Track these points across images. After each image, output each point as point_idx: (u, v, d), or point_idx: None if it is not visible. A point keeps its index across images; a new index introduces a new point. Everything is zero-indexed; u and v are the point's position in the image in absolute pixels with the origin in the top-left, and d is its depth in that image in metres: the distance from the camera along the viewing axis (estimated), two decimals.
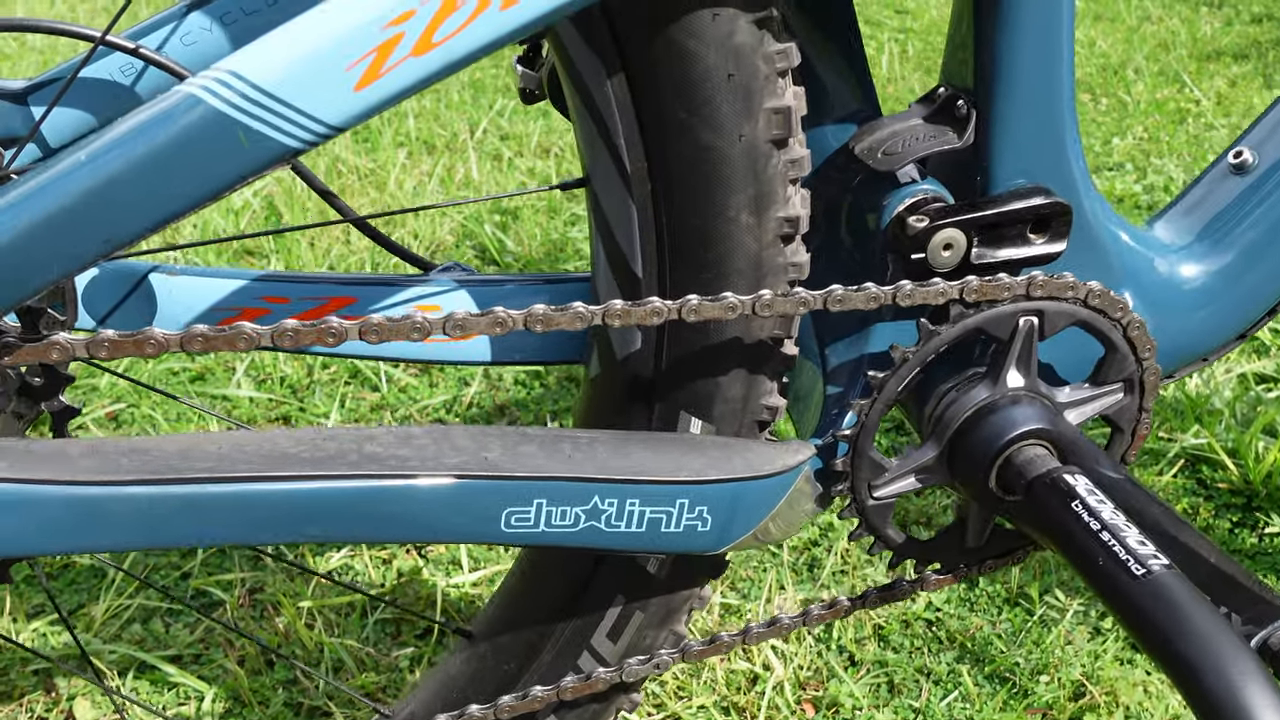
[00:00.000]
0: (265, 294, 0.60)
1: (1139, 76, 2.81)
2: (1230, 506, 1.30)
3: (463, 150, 2.46)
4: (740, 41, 0.49)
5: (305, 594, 1.15)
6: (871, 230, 0.58)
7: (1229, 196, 0.63)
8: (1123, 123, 2.52)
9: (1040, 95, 0.56)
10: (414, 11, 0.41)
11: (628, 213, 0.54)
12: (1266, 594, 0.61)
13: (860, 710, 1.03)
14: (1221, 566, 0.61)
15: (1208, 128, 2.48)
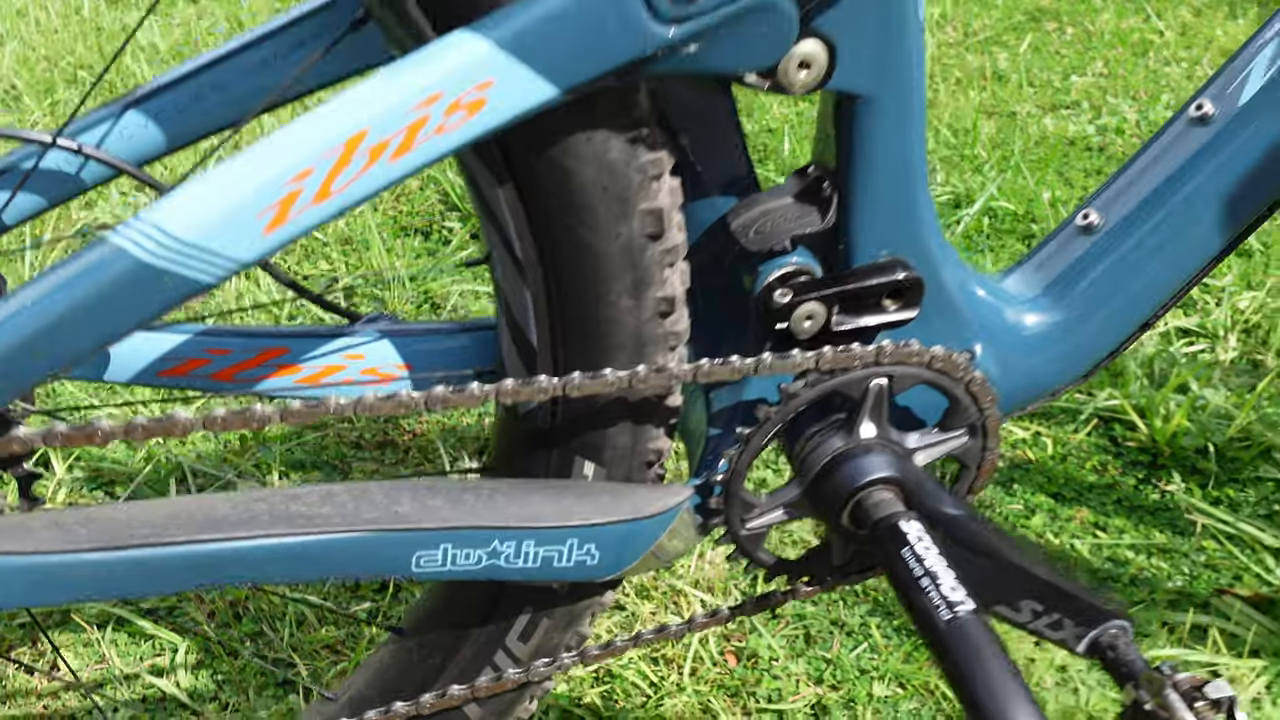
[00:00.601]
0: (208, 345, 0.67)
1: (1106, 4, 2.82)
2: (1137, 464, 1.39)
3: None
4: (614, 158, 0.56)
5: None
6: (746, 296, 0.65)
7: (1074, 255, 0.70)
8: (1086, 55, 2.55)
9: (894, 179, 0.62)
10: (311, 170, 0.47)
11: (522, 295, 0.61)
12: (1095, 599, 0.71)
13: (777, 661, 1.14)
14: (1053, 580, 0.69)
15: (1168, 62, 2.52)
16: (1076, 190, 1.99)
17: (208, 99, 0.63)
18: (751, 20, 0.51)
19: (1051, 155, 2.09)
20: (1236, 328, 1.63)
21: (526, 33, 0.48)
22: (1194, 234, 0.67)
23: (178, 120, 0.63)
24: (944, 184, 1.99)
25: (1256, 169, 0.66)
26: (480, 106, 0.48)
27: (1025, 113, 2.29)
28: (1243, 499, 1.33)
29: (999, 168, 2.04)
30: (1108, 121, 2.23)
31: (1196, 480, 1.36)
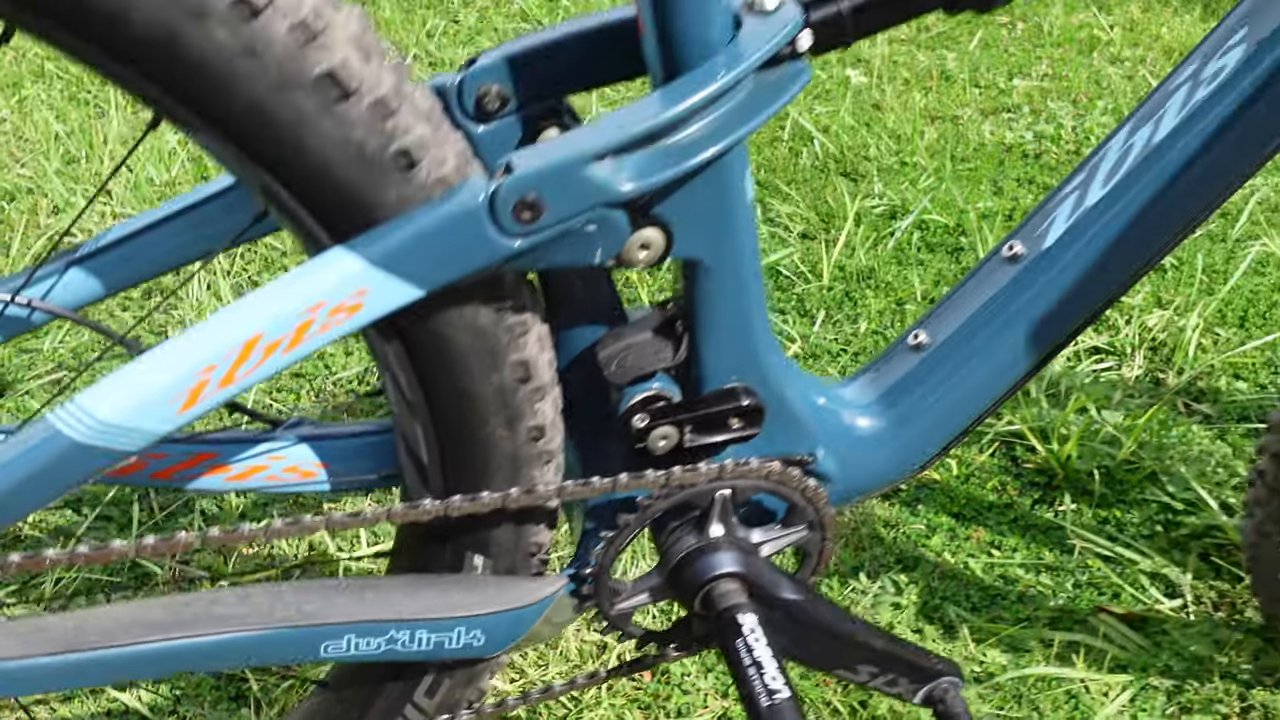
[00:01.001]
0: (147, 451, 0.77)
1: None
2: (1034, 485, 1.51)
3: None
4: (483, 323, 0.66)
5: (226, 571, 1.35)
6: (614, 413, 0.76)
7: (905, 370, 0.80)
8: (1033, 54, 2.63)
9: (734, 323, 0.72)
10: (216, 365, 0.57)
11: (413, 425, 0.71)
12: (925, 660, 0.82)
13: (688, 676, 1.26)
14: (888, 647, 0.81)
15: (1112, 60, 2.59)
16: (1007, 202, 2.08)
17: (140, 259, 0.72)
18: (587, 230, 0.60)
19: (987, 164, 2.18)
20: (1144, 345, 1.74)
21: (394, 250, 0.58)
22: (1004, 358, 0.78)
23: (114, 275, 0.73)
24: (880, 195, 2.08)
25: (1057, 305, 0.76)
26: (358, 308, 0.58)
27: (967, 117, 2.37)
28: (1128, 520, 1.45)
29: (936, 176, 2.13)
30: (1045, 129, 2.32)
31: (1087, 501, 1.47)
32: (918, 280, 1.87)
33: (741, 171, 0.66)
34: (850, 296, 1.85)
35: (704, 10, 0.59)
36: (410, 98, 0.58)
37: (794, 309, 1.84)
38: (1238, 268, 1.86)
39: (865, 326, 1.78)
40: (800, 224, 2.02)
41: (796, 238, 2.00)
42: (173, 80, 0.53)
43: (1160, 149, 0.72)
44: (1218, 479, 1.48)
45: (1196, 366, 1.68)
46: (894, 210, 2.06)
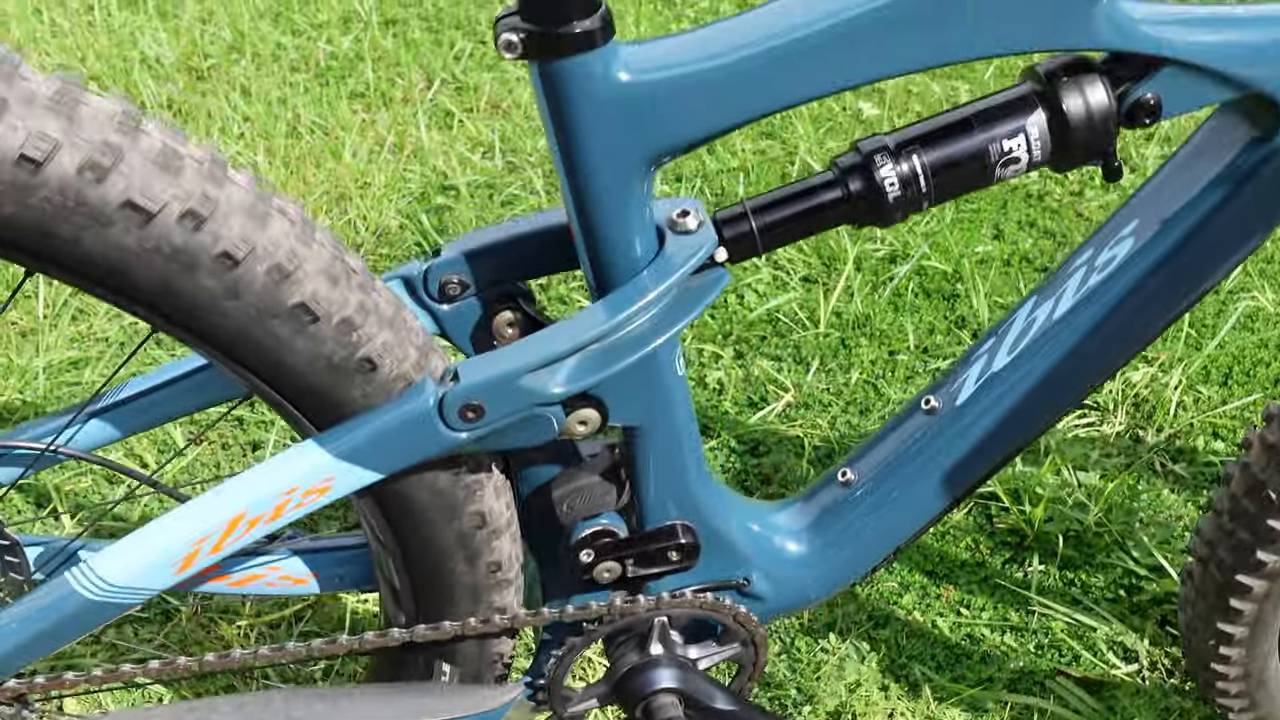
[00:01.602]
0: None
1: None
2: (1006, 545, 1.58)
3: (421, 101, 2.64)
4: (442, 485, 0.75)
5: (244, 612, 1.47)
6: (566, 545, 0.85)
7: (832, 502, 0.89)
8: None
9: (670, 473, 0.81)
10: (207, 537, 0.68)
11: (385, 559, 0.81)
12: None
13: None
14: None
15: None
16: (1006, 246, 2.13)
17: (149, 413, 0.83)
18: (527, 422, 0.70)
19: (990, 206, 2.23)
20: (1126, 402, 1.80)
21: (355, 446, 0.68)
22: (921, 498, 0.86)
23: (129, 423, 0.83)
24: (882, 239, 2.14)
25: (966, 456, 0.85)
26: (327, 489, 0.68)
27: None
28: (1093, 583, 1.53)
29: (937, 220, 2.19)
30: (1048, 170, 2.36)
31: (1054, 563, 1.55)
32: (911, 330, 1.94)
33: (671, 354, 0.75)
34: (845, 344, 1.93)
35: (628, 237, 0.68)
36: (374, 308, 0.68)
37: (789, 356, 1.92)
38: (1226, 322, 1.91)
39: (857, 377, 1.86)
40: (802, 268, 2.10)
41: (798, 281, 2.08)
42: (169, 315, 0.63)
43: (1058, 326, 0.80)
44: (1182, 545, 1.55)
45: (1175, 425, 1.74)
46: (894, 255, 2.12)
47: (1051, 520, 1.57)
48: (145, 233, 0.59)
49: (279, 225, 0.63)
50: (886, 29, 0.64)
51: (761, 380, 1.87)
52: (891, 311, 1.99)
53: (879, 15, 0.63)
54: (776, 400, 1.82)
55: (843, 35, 0.64)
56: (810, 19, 0.63)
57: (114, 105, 0.59)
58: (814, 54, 0.64)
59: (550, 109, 0.63)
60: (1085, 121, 0.70)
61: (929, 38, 0.64)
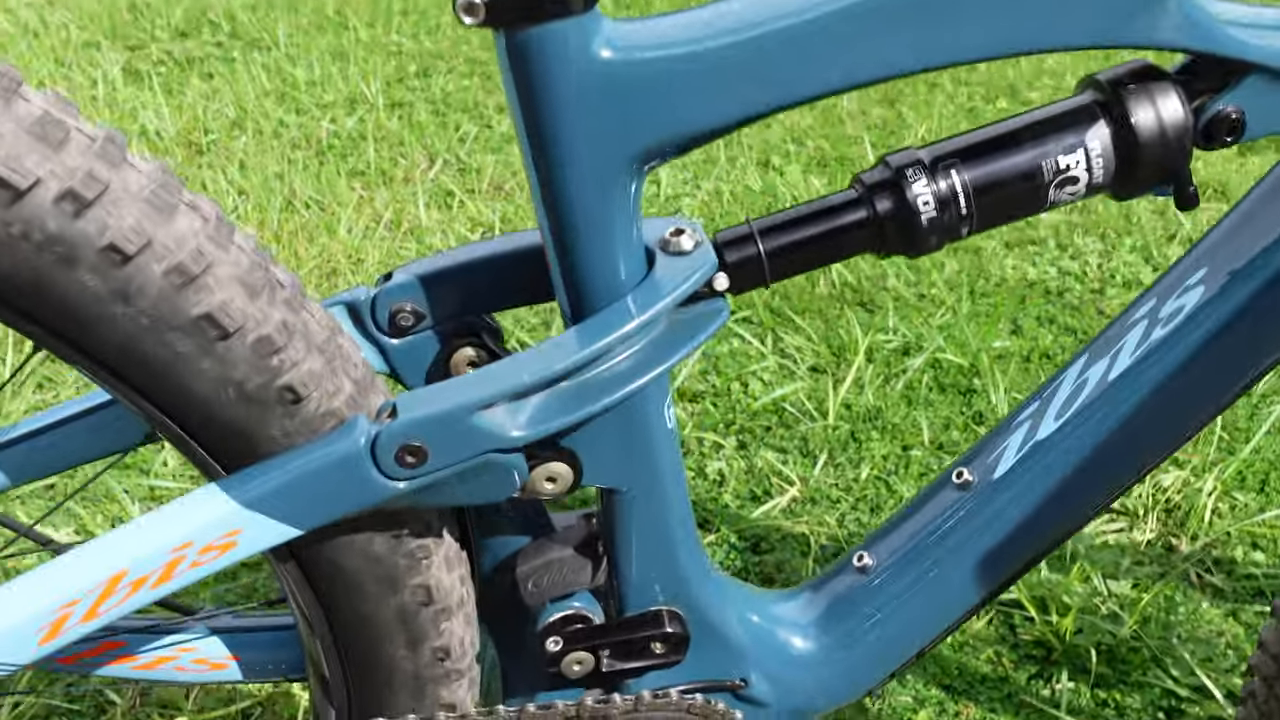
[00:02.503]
0: None
1: None
2: (1031, 658, 1.44)
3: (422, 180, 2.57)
4: (378, 550, 0.63)
5: (185, 707, 1.32)
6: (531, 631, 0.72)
7: (847, 591, 0.76)
8: None
9: (655, 548, 0.69)
10: (79, 600, 0.55)
11: (313, 642, 0.68)
12: None
13: None
14: None
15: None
16: (1025, 342, 2.03)
17: (45, 453, 0.71)
18: (478, 473, 0.58)
19: (1008, 300, 2.13)
20: (1157, 508, 1.67)
21: (269, 493, 0.55)
22: (951, 589, 0.73)
23: (18, 470, 0.71)
24: (894, 330, 2.04)
25: (1005, 539, 0.72)
26: (231, 546, 0.56)
27: (990, 249, 2.33)
28: (1128, 704, 1.38)
29: (953, 312, 2.09)
30: (1070, 265, 2.27)
31: (1085, 680, 1.40)
32: (926, 424, 1.82)
33: (659, 401, 0.63)
34: (855, 438, 1.81)
35: (610, 255, 0.57)
36: (303, 329, 0.56)
37: (796, 449, 1.79)
38: (1260, 426, 1.79)
39: (868, 472, 1.73)
40: (810, 357, 1.99)
41: (806, 371, 1.97)
42: (43, 321, 0.51)
43: (1115, 387, 0.68)
44: (1226, 664, 1.40)
45: (1211, 534, 1.61)
46: (908, 346, 2.02)
47: (1081, 632, 1.43)
48: (10, 214, 0.48)
49: (186, 221, 0.52)
50: (926, 12, 0.53)
51: (765, 472, 1.74)
52: (905, 405, 1.87)
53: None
54: (781, 494, 1.70)
55: (874, 17, 0.53)
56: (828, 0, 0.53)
57: None
58: (838, 38, 0.53)
59: (519, 89, 0.53)
60: (1157, 137, 0.59)
61: (975, 25, 0.54)
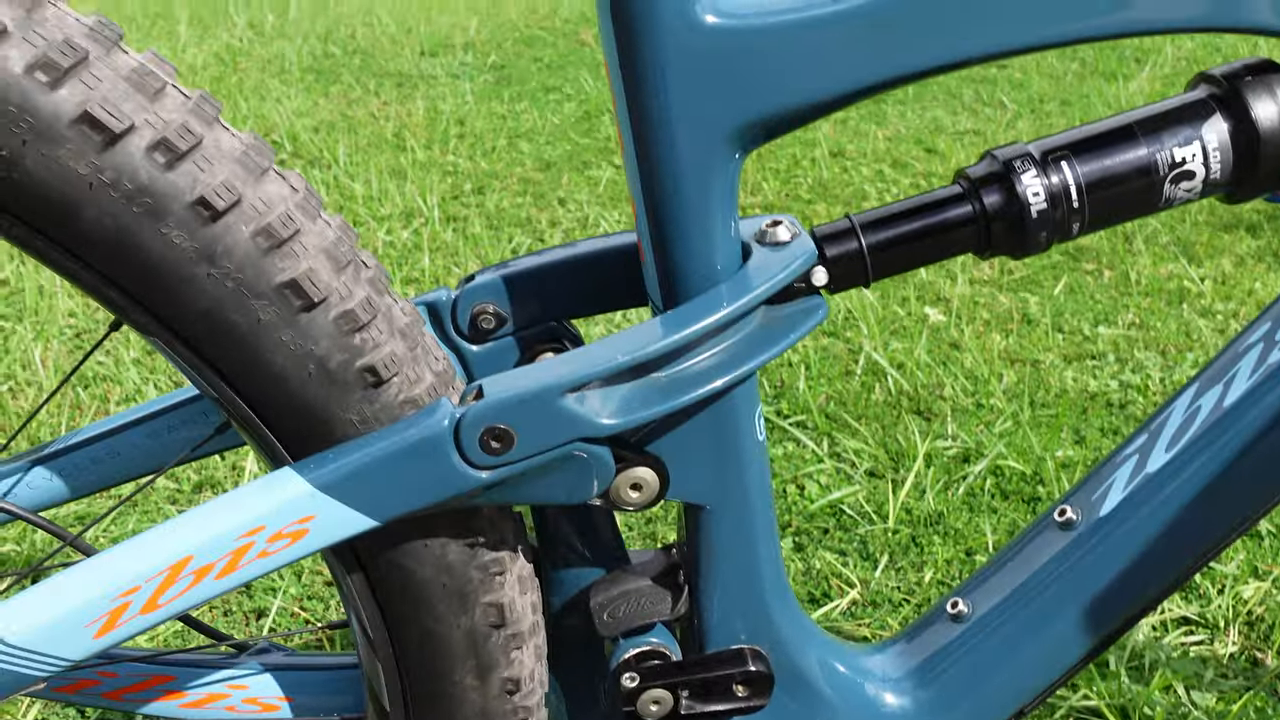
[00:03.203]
0: (99, 668, 0.71)
1: (1148, 247, 2.85)
2: None
3: None
4: (452, 560, 0.59)
5: None
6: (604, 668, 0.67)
7: (942, 641, 0.71)
8: (1120, 301, 2.57)
9: (741, 577, 0.64)
10: (139, 588, 0.52)
11: (375, 666, 0.63)
12: None
13: None
14: None
15: (1202, 313, 2.52)
16: (1089, 451, 1.97)
17: (104, 463, 0.69)
18: (564, 467, 0.54)
19: (1069, 412, 2.08)
20: (1239, 620, 1.58)
21: (346, 477, 0.52)
22: (1054, 638, 0.68)
23: (77, 477, 0.69)
24: (953, 437, 1.99)
25: (1114, 583, 0.67)
26: (303, 535, 0.52)
27: (1049, 362, 2.30)
28: None
29: (1014, 421, 2.04)
30: (1131, 378, 2.23)
31: None
32: (989, 530, 1.76)
33: (749, 410, 0.60)
34: (916, 542, 1.75)
35: (707, 239, 0.55)
36: (386, 312, 0.54)
37: (855, 551, 1.73)
38: None
39: (930, 576, 1.67)
40: (868, 461, 1.94)
41: (863, 475, 1.92)
42: (122, 283, 0.49)
43: (1231, 413, 0.64)
44: None
45: None
46: (967, 453, 1.97)
47: None
48: (103, 159, 0.46)
49: (276, 186, 0.51)
50: None
51: (824, 574, 1.68)
52: (966, 511, 1.81)
53: None
54: (841, 596, 1.63)
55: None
56: None
57: (92, 18, 0.48)
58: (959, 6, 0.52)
59: (620, 55, 0.51)
60: (1277, 131, 0.56)
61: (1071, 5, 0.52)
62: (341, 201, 3.05)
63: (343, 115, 3.90)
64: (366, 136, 3.65)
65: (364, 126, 3.76)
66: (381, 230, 2.88)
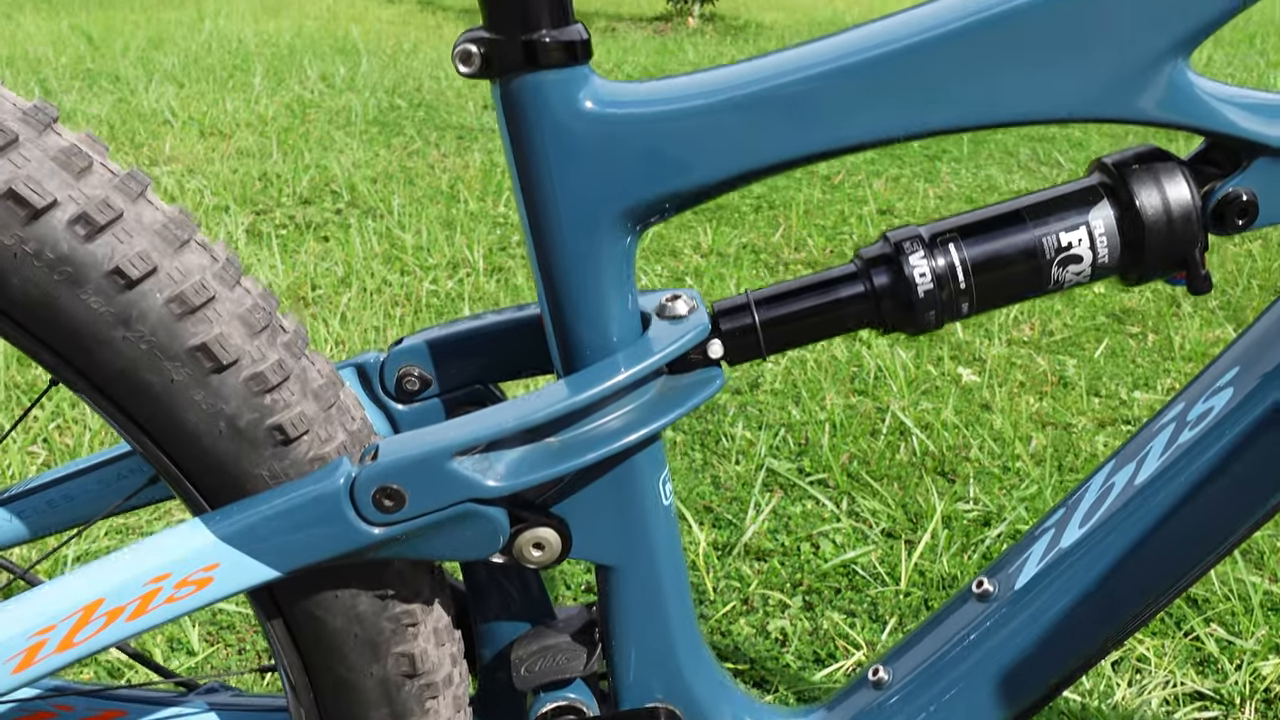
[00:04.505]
0: (56, 701, 0.75)
1: (1196, 310, 2.80)
2: None
3: None
4: (362, 610, 0.62)
5: None
6: None
7: (861, 706, 0.71)
8: (1160, 366, 2.53)
9: (651, 636, 0.66)
10: (54, 627, 0.55)
11: (299, 710, 0.66)
12: None
13: None
14: None
15: None
16: None
17: (60, 507, 0.73)
18: (460, 525, 0.57)
19: None
20: (1256, 697, 1.54)
21: (248, 528, 0.56)
22: (972, 707, 0.68)
23: (34, 520, 0.73)
24: (975, 500, 1.98)
25: (1029, 655, 0.67)
26: (209, 582, 0.56)
27: (1081, 427, 2.27)
28: None
29: (1038, 486, 2.02)
30: None
31: None
32: None
33: (654, 473, 0.62)
34: (928, 605, 1.73)
35: (602, 312, 0.57)
36: (300, 374, 0.58)
37: (865, 613, 1.73)
38: None
39: None
40: (885, 521, 1.94)
41: (879, 535, 1.91)
42: (53, 343, 0.54)
43: (1142, 492, 0.65)
44: None
45: None
46: (988, 517, 1.95)
47: None
48: (26, 231, 0.51)
49: (195, 257, 0.55)
50: (917, 79, 0.54)
51: (831, 634, 1.67)
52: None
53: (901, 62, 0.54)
54: (846, 657, 1.62)
55: (864, 82, 0.54)
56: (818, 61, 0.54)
57: (29, 103, 0.53)
58: (827, 101, 0.54)
59: (511, 139, 0.55)
60: (1162, 219, 0.58)
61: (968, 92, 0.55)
62: (391, 251, 3.13)
63: (401, 166, 4.02)
64: (422, 188, 3.75)
65: (421, 178, 3.87)
66: (427, 279, 2.95)
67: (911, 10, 0.56)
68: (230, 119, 4.63)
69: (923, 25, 0.54)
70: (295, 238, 3.27)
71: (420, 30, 7.76)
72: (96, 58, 5.99)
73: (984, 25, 0.53)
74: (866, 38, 0.55)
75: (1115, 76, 0.55)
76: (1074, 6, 0.53)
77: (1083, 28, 0.53)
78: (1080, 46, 0.54)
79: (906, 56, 0.54)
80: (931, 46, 0.54)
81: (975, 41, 0.53)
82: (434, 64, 6.22)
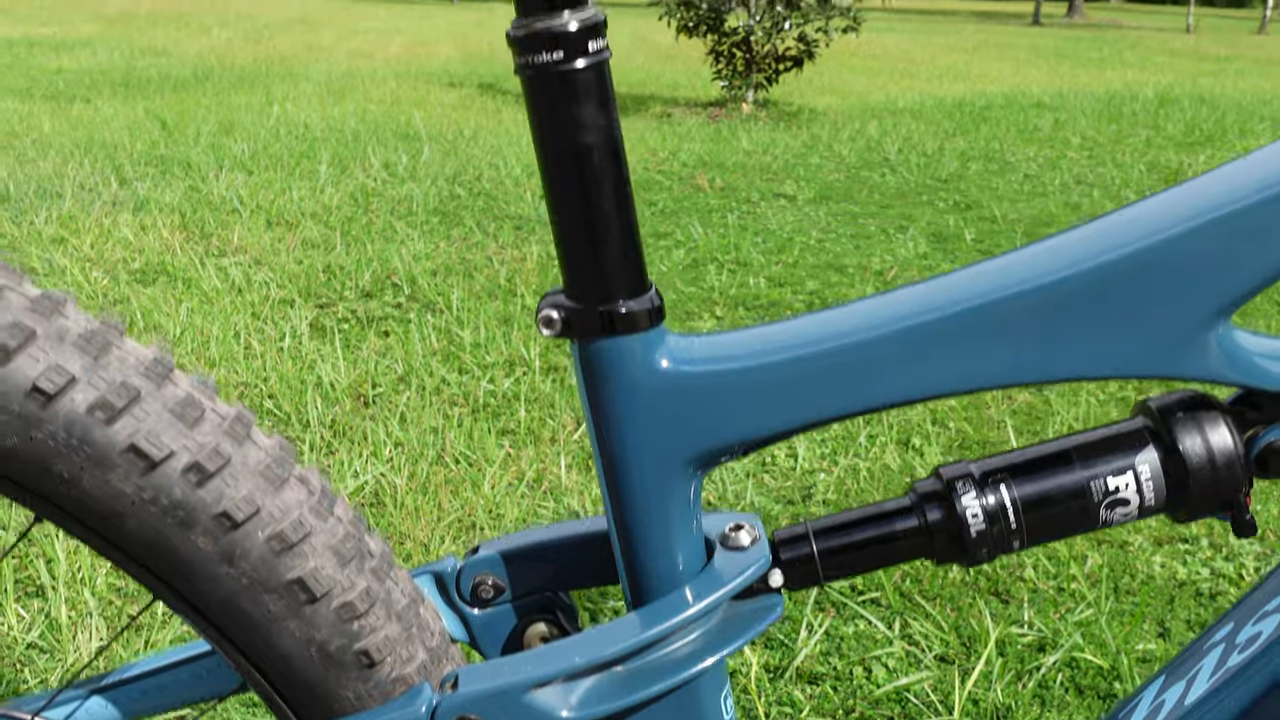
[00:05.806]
0: None
1: None
2: None
3: (566, 441, 2.68)
4: None
5: None
6: None
7: None
8: None
9: None
10: None
11: None
12: None
13: None
14: None
15: None
16: (1173, 646, 1.92)
17: (152, 695, 0.77)
18: None
19: (1155, 600, 2.04)
20: None
21: None
22: None
23: (128, 707, 0.77)
24: (1029, 624, 1.97)
25: None
26: None
27: (1137, 545, 2.25)
28: None
29: (1095, 609, 2.01)
30: (1224, 566, 2.17)
31: None
32: None
33: (715, 693, 0.65)
34: None
35: (668, 546, 0.61)
36: (384, 598, 0.62)
37: None
38: None
39: None
40: (939, 645, 1.93)
41: (933, 660, 1.91)
42: (158, 572, 0.58)
43: (1191, 713, 0.66)
44: None
45: None
46: (1043, 642, 1.94)
47: None
48: (144, 480, 0.55)
49: (294, 493, 0.59)
50: (975, 338, 0.58)
51: None
52: (1037, 705, 1.78)
53: (958, 325, 0.58)
54: None
55: (921, 343, 0.58)
56: (878, 323, 0.58)
57: (149, 352, 0.58)
58: (881, 360, 0.58)
59: (588, 394, 0.59)
60: (1206, 465, 0.60)
61: (1020, 351, 0.58)
62: (450, 349, 3.20)
63: (461, 259, 4.11)
64: (481, 281, 3.83)
65: (479, 271, 3.95)
66: (485, 379, 3.01)
67: (967, 269, 0.60)
68: (296, 208, 4.77)
69: (983, 288, 0.57)
70: (357, 333, 3.36)
71: (480, 114, 7.96)
72: (170, 143, 6.22)
73: (1040, 291, 0.57)
74: (928, 296, 0.58)
75: (1160, 341, 0.58)
76: (1122, 280, 0.56)
77: (1129, 299, 0.57)
78: (1127, 316, 0.57)
79: (969, 318, 0.57)
80: (991, 310, 0.57)
81: (1032, 306, 0.57)
82: (493, 151, 6.37)
